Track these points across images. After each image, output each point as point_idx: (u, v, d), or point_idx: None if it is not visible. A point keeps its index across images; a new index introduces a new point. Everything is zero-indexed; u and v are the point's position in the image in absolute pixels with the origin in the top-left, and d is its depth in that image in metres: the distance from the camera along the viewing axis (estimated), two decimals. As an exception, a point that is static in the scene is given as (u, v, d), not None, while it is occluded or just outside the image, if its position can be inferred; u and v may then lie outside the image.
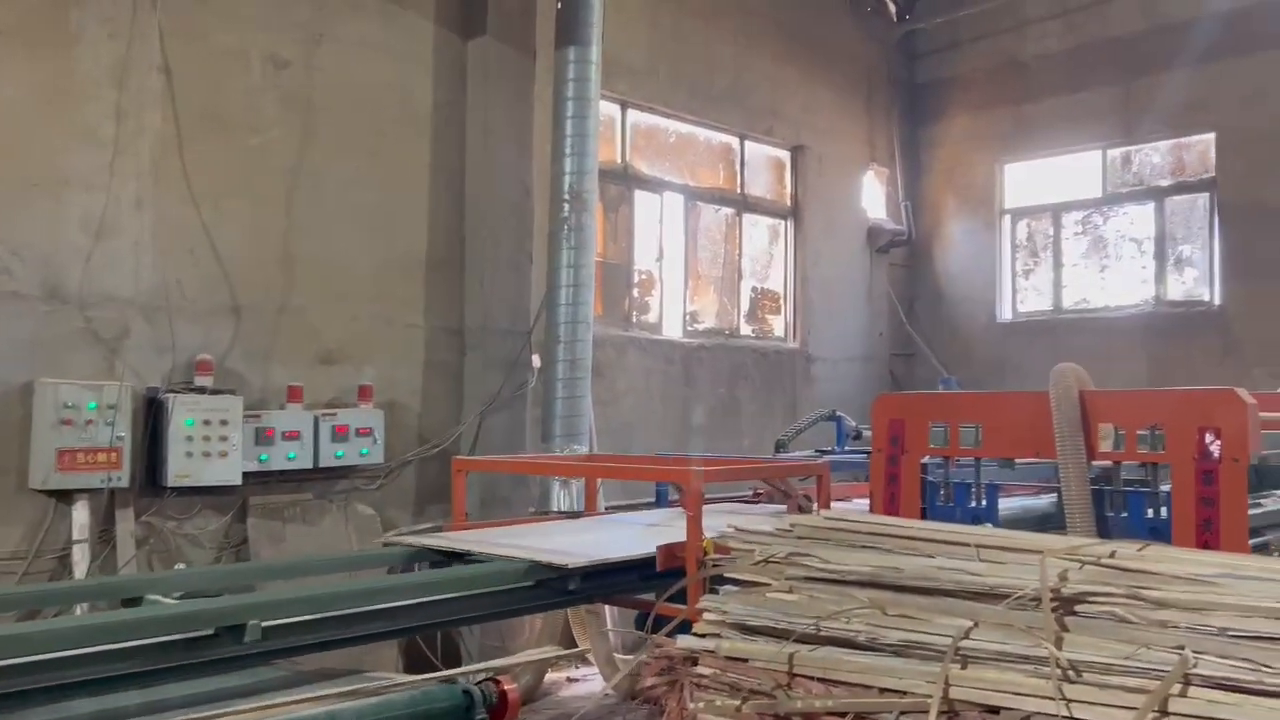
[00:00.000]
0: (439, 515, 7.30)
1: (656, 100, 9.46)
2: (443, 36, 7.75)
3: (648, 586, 4.98)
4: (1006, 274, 11.68)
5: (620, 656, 7.42)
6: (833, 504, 6.75)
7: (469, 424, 7.62)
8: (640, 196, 9.47)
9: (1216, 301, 10.06)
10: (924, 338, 12.00)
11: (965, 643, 2.28)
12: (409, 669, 7.22)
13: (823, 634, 2.46)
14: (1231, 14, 9.72)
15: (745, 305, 10.57)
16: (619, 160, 9.28)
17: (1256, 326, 9.68)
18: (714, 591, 2.86)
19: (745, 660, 2.50)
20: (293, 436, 6.72)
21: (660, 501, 7.09)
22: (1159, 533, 4.63)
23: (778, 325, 10.91)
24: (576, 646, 7.56)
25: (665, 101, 9.53)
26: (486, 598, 4.51)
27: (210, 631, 3.56)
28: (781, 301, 10.93)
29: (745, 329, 10.53)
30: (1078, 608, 2.30)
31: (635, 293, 9.46)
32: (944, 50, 12.03)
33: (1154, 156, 10.66)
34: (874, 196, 11.64)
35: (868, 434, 6.58)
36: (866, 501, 5.77)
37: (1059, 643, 2.20)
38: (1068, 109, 10.98)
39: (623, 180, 9.33)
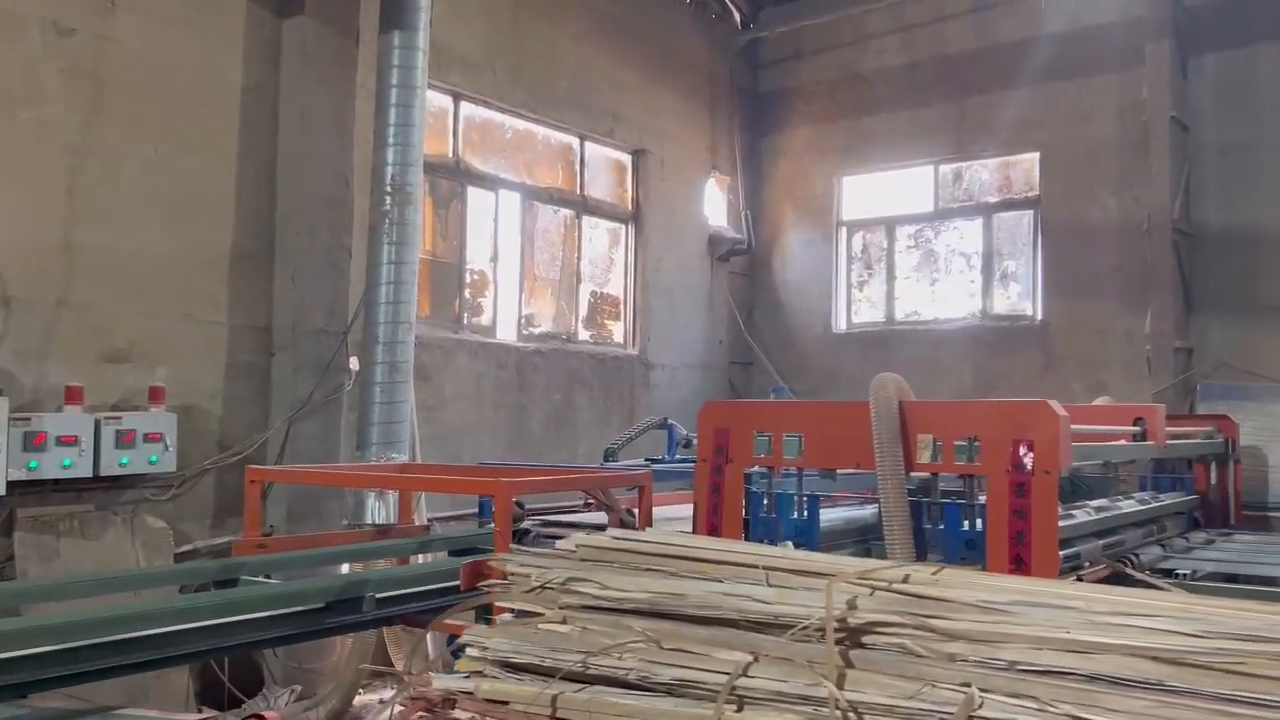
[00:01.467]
0: (240, 529, 6.74)
1: (492, 94, 9.10)
2: (255, 13, 7.20)
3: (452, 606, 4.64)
4: (842, 285, 11.81)
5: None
6: (656, 514, 6.57)
7: (276, 430, 7.09)
8: (474, 193, 9.09)
9: (1039, 317, 10.38)
10: (762, 347, 12.01)
11: (743, 681, 2.05)
12: (202, 694, 6.67)
13: (592, 672, 2.18)
14: (1058, 38, 10.06)
15: (584, 310, 10.31)
16: (451, 154, 8.88)
17: (1075, 342, 10.02)
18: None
19: (506, 703, 2.21)
20: (69, 441, 6.05)
21: (484, 513, 6.75)
22: (974, 545, 4.61)
23: (617, 331, 10.70)
24: (390, 665, 7.15)
25: (502, 97, 9.19)
26: (266, 622, 4.09)
27: (-81, 670, 3.05)
28: (621, 307, 10.73)
29: (583, 334, 10.27)
30: (865, 639, 2.10)
31: (467, 293, 9.07)
32: (787, 60, 12.10)
33: (983, 173, 10.95)
34: (716, 204, 11.58)
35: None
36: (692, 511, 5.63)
37: (841, 680, 1.99)
38: (904, 124, 11.18)
39: (455, 175, 8.93)
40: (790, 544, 3.82)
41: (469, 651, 2.34)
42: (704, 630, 2.22)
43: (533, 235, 9.68)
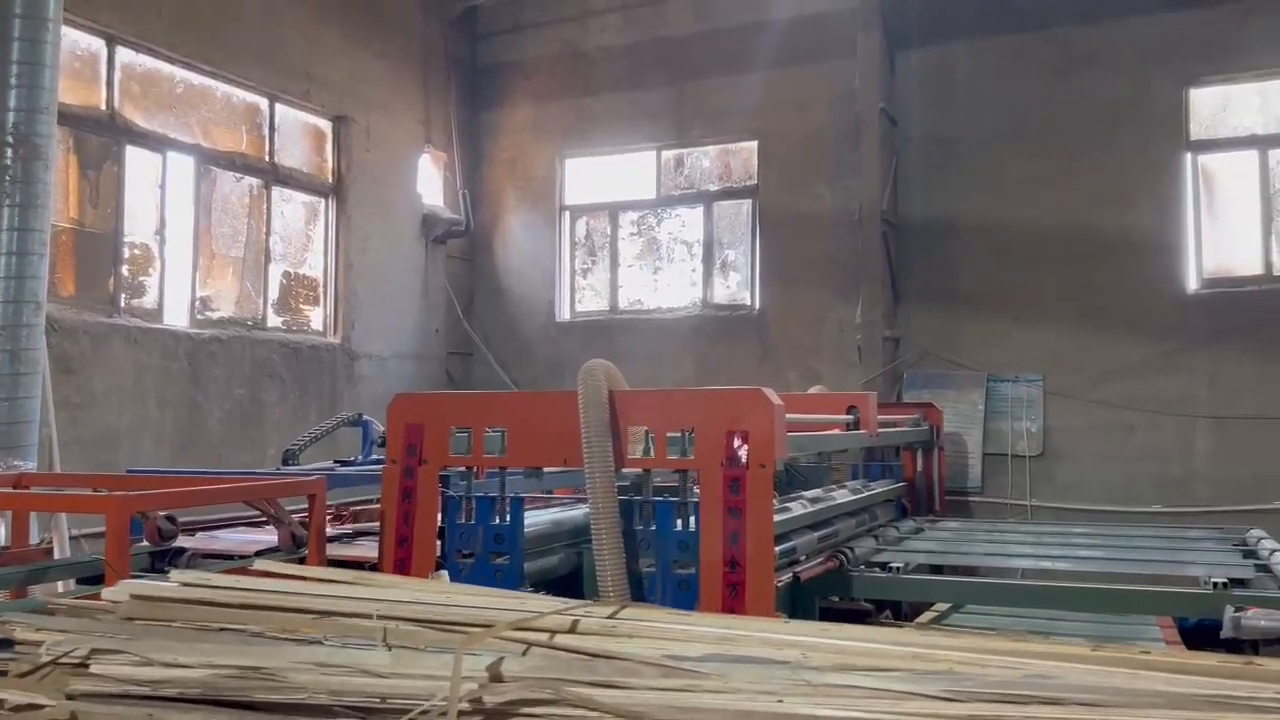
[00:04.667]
0: None
1: (158, 40, 7.83)
2: None
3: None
4: (566, 272, 11.31)
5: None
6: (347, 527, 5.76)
7: None
8: (135, 154, 7.78)
9: (756, 306, 10.32)
10: (483, 336, 11.31)
11: (321, 808, 1.37)
12: None
13: (93, 806, 1.43)
14: (776, 24, 9.98)
15: (275, 293, 9.16)
16: (105, 107, 7.55)
17: (790, 330, 10.03)
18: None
19: None
20: None
21: (136, 530, 5.67)
22: (687, 546, 4.21)
23: (316, 317, 9.62)
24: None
25: (170, 44, 7.93)
26: None
27: None
28: (321, 290, 9.66)
29: (274, 320, 9.13)
30: (509, 725, 1.47)
31: (125, 271, 7.75)
32: (507, 33, 11.43)
33: (704, 160, 10.77)
34: (430, 181, 10.74)
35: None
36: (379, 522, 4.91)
37: (466, 797, 1.35)
38: (626, 106, 10.81)
39: (110, 132, 7.60)
40: (444, 573, 3.16)
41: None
42: (281, 724, 1.52)
43: (210, 205, 8.44)
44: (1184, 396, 8.58)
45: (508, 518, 4.58)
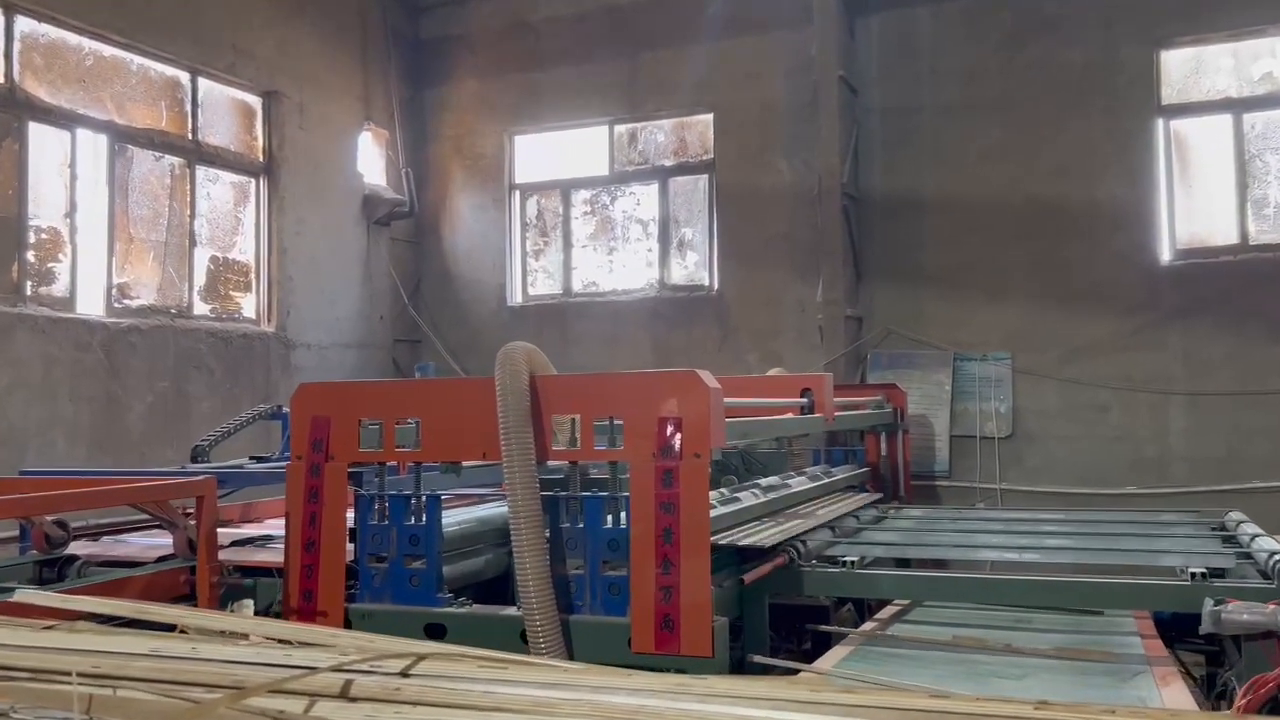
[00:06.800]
0: None
1: (62, 9, 7.29)
2: None
3: None
4: (517, 254, 10.82)
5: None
6: (267, 529, 5.31)
7: None
8: (40, 131, 7.25)
9: (715, 286, 9.88)
10: (430, 322, 10.82)
11: None
12: None
13: None
14: (729, -7, 9.56)
15: (201, 279, 8.62)
16: (3, 80, 7.01)
17: (749, 312, 9.60)
18: None
19: None
20: None
21: (25, 538, 5.26)
22: (618, 546, 3.83)
23: (248, 304, 9.09)
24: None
25: (77, 13, 7.39)
26: None
27: None
28: (253, 276, 9.13)
29: (201, 308, 8.59)
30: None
31: (30, 256, 7.21)
32: (449, 5, 10.89)
33: (658, 135, 10.29)
34: (371, 161, 10.21)
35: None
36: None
37: None
38: (576, 80, 10.32)
39: (10, 107, 7.06)
40: (249, 604, 2.71)
41: None
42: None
43: (126, 186, 7.89)
44: (1158, 373, 8.23)
45: (424, 517, 4.16)
